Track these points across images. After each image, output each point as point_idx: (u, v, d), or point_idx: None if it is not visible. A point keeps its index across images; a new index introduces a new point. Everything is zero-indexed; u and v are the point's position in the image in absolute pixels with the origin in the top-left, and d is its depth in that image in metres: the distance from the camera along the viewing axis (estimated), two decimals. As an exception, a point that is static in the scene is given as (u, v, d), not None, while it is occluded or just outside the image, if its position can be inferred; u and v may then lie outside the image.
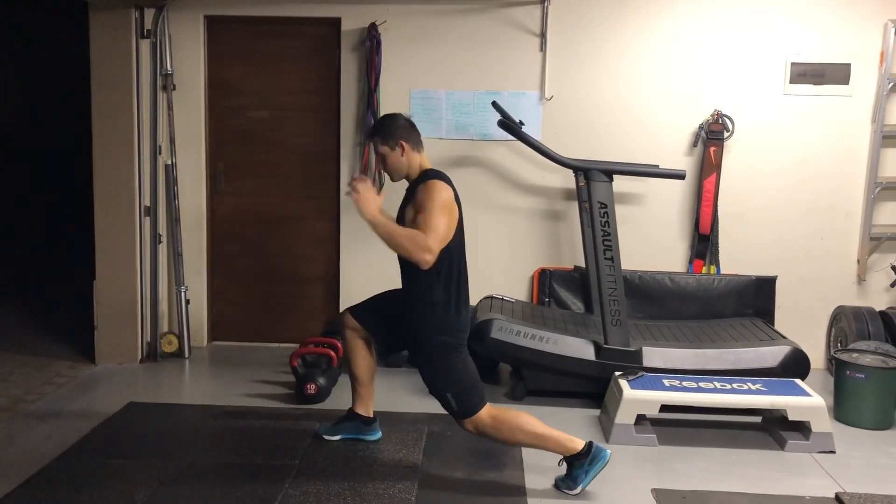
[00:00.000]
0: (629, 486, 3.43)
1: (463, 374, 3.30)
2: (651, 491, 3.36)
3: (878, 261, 5.12)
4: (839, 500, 3.28)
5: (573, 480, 3.31)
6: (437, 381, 3.33)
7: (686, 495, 3.33)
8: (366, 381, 3.78)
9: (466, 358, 3.35)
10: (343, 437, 3.80)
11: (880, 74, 4.96)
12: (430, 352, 3.32)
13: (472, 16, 5.08)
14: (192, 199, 5.26)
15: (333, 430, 3.82)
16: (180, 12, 5.09)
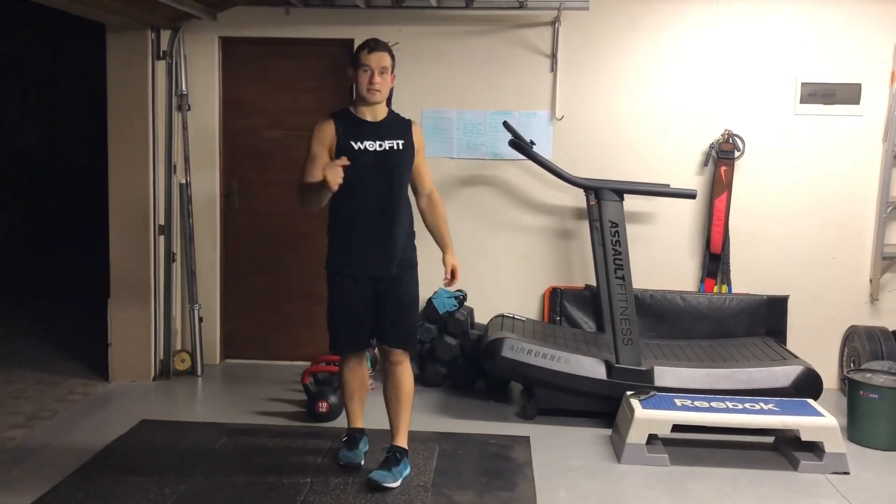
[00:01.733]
0: (641, 506, 3.43)
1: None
2: (663, 511, 3.35)
3: (891, 280, 5.10)
4: (853, 522, 3.27)
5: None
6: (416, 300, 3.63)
7: (698, 516, 3.32)
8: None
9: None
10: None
11: (891, 94, 4.97)
12: (413, 268, 3.62)
13: (483, 37, 5.13)
14: (206, 217, 5.31)
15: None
16: (196, 33, 5.17)
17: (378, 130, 3.49)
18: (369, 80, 3.43)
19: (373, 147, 3.45)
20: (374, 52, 3.44)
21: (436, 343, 4.91)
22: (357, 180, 3.38)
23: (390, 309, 3.56)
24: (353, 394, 3.78)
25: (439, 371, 4.94)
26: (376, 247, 3.49)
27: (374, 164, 3.44)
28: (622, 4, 5.05)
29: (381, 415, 3.77)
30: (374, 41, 3.49)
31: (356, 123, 3.49)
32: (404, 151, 3.51)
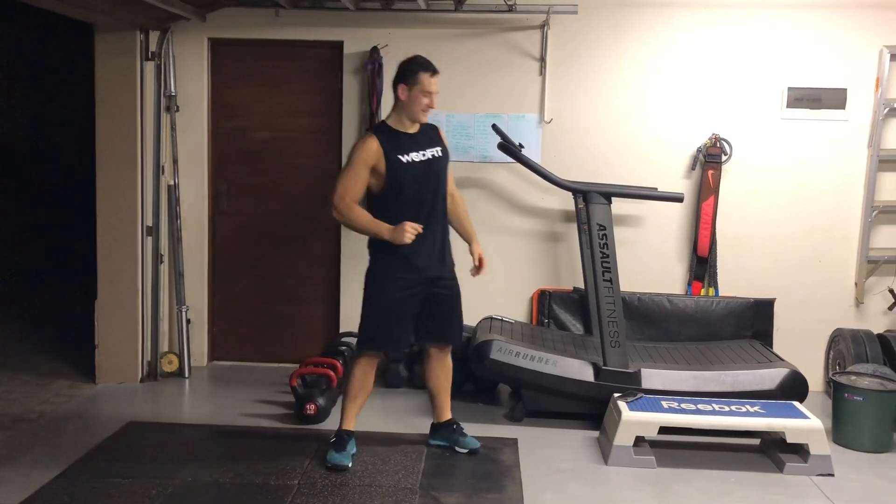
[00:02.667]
0: (628, 507, 3.44)
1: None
2: (650, 513, 3.37)
3: (876, 283, 5.14)
4: (837, 523, 3.29)
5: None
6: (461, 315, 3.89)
7: (684, 517, 3.34)
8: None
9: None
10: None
11: (876, 99, 5.02)
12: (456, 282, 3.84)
13: (473, 40, 5.14)
14: (194, 218, 5.30)
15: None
16: (185, 35, 5.16)
17: (418, 141, 3.67)
18: (430, 105, 3.63)
19: (418, 158, 3.64)
20: (435, 75, 3.64)
21: (424, 345, 4.91)
22: (409, 191, 3.61)
23: (448, 308, 3.80)
24: (357, 395, 3.83)
25: (428, 373, 4.94)
26: (432, 250, 3.68)
27: (423, 174, 3.65)
28: (610, 9, 5.08)
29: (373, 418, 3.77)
30: (431, 64, 3.65)
31: (398, 137, 3.65)
32: (443, 157, 3.76)
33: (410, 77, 3.61)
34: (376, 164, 3.59)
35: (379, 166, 3.59)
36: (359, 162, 3.59)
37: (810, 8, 5.01)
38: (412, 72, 3.61)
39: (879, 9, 4.99)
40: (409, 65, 3.65)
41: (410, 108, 3.63)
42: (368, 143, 3.61)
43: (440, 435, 4.00)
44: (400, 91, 3.64)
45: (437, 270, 3.72)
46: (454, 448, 3.94)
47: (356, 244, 5.27)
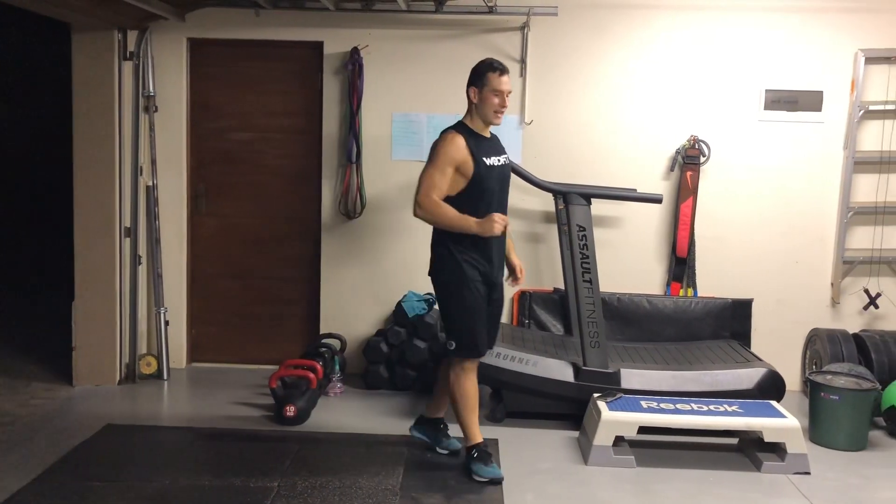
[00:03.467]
0: (607, 507, 3.46)
1: None
2: (629, 512, 3.39)
3: (852, 284, 5.21)
4: (814, 521, 3.33)
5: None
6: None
7: (663, 517, 3.36)
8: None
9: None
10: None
11: (851, 102, 5.08)
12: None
13: (453, 41, 5.15)
14: (172, 220, 5.26)
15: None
16: (163, 34, 5.12)
17: (493, 146, 3.68)
18: (501, 105, 3.59)
19: (496, 162, 3.64)
20: (504, 75, 3.59)
21: (405, 347, 4.91)
22: (488, 195, 3.58)
23: (498, 313, 3.82)
24: (476, 406, 3.73)
25: (409, 375, 4.94)
26: (500, 255, 3.72)
27: (498, 178, 3.64)
28: (590, 11, 5.10)
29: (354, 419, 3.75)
30: (500, 63, 3.62)
31: (479, 139, 3.62)
32: (509, 165, 3.77)
33: (479, 79, 3.58)
34: (463, 163, 3.51)
35: (465, 166, 3.52)
36: (447, 159, 3.51)
37: (787, 11, 5.07)
38: (481, 73, 3.59)
39: (854, 12, 5.05)
40: (479, 67, 3.63)
41: (483, 110, 3.58)
42: (458, 140, 3.53)
43: (424, 429, 3.99)
44: (471, 94, 3.61)
45: (499, 276, 3.72)
46: (435, 447, 3.94)
47: (336, 245, 5.28)
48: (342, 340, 5.17)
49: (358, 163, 5.15)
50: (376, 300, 5.26)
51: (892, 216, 5.16)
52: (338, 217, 5.25)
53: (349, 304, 5.29)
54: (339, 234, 5.27)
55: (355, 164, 5.14)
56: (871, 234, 5.16)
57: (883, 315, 5.19)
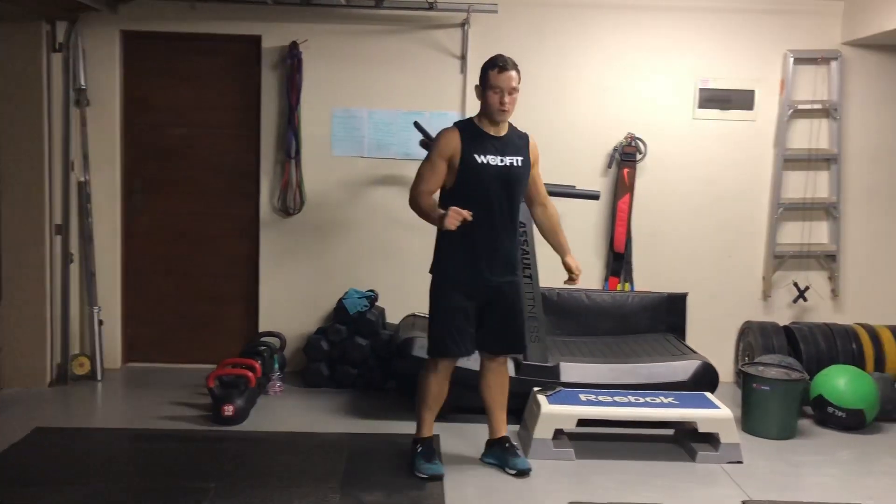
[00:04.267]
0: (547, 499, 3.50)
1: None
2: (568, 504, 3.43)
3: (782, 278, 5.37)
4: (745, 508, 3.42)
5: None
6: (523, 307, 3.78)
7: (601, 507, 3.42)
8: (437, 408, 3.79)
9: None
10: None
11: (781, 101, 5.23)
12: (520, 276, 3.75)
13: (394, 36, 5.13)
14: (106, 216, 5.13)
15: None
16: (95, 26, 4.98)
17: (500, 145, 3.55)
18: (500, 102, 3.48)
19: (495, 162, 3.51)
20: (504, 72, 3.48)
21: (346, 344, 4.88)
22: (479, 193, 3.49)
23: (501, 318, 3.65)
24: (432, 404, 3.71)
25: (350, 372, 4.92)
26: (494, 257, 3.57)
27: (496, 179, 3.51)
28: (530, 9, 5.15)
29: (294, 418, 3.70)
30: (502, 60, 3.51)
31: (481, 137, 3.53)
32: (522, 168, 3.59)
33: (482, 76, 3.53)
34: (452, 156, 3.49)
35: (454, 160, 3.49)
36: (438, 151, 3.51)
37: (720, 12, 5.19)
38: (483, 70, 3.53)
39: (784, 14, 5.20)
40: (484, 64, 3.54)
41: (486, 108, 3.51)
42: (449, 134, 3.52)
43: (492, 453, 3.83)
44: (476, 93, 3.57)
45: (500, 278, 3.59)
46: (504, 468, 3.75)
47: (275, 243, 5.22)
48: (282, 338, 5.12)
49: (297, 158, 5.09)
50: (317, 297, 5.22)
51: (819, 212, 5.34)
52: (277, 214, 5.19)
53: (289, 301, 5.23)
54: (279, 231, 5.21)
55: (295, 159, 5.08)
56: (800, 229, 5.33)
57: (811, 307, 5.37)
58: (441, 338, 3.61)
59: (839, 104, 5.22)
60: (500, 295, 3.64)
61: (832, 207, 5.30)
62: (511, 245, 3.64)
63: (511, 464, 3.73)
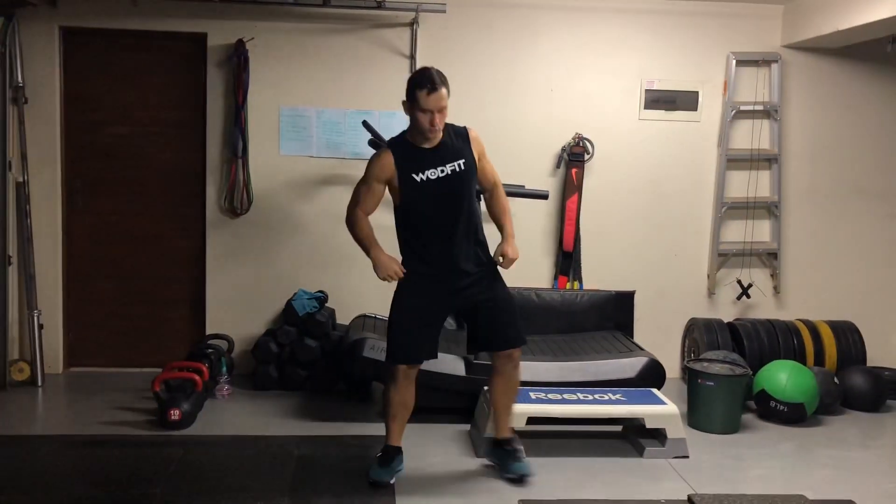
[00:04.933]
0: (497, 497, 3.51)
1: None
2: (518, 502, 3.44)
3: (726, 275, 5.48)
4: (691, 502, 3.47)
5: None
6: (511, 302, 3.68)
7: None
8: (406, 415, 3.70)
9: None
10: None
11: (724, 102, 5.34)
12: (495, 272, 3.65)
13: (342, 35, 5.10)
14: (46, 217, 5.00)
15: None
16: (32, 22, 4.85)
17: (437, 156, 3.46)
18: (430, 123, 3.39)
19: (435, 175, 3.43)
20: (432, 93, 3.36)
21: (295, 346, 4.83)
22: (425, 210, 3.46)
23: (494, 311, 3.59)
24: (395, 412, 3.63)
25: (299, 374, 4.87)
26: (450, 266, 3.50)
27: (439, 190, 3.44)
28: (478, 9, 5.16)
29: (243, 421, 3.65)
30: (431, 81, 3.35)
31: (415, 153, 3.45)
32: (466, 171, 3.49)
33: (409, 95, 3.41)
34: (390, 179, 3.44)
35: (393, 182, 3.44)
36: (371, 176, 3.48)
37: (665, 14, 5.28)
38: (410, 90, 3.39)
39: (726, 17, 5.31)
40: (409, 81, 3.43)
41: (418, 128, 3.40)
42: (383, 157, 3.46)
43: (494, 453, 3.79)
44: (404, 108, 3.47)
45: (468, 280, 3.53)
46: (503, 472, 3.70)
47: (222, 243, 5.15)
48: (230, 341, 5.05)
49: (244, 158, 5.03)
50: (265, 299, 5.16)
51: (761, 210, 5.47)
52: (224, 214, 5.12)
53: (237, 303, 5.16)
54: (225, 232, 5.13)
55: (242, 158, 5.02)
56: (743, 227, 5.45)
57: (754, 304, 5.49)
58: (397, 344, 3.56)
59: (779, 105, 5.36)
60: (479, 293, 3.57)
61: (774, 206, 5.43)
62: (474, 246, 3.56)
63: (511, 468, 3.68)
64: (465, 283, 3.54)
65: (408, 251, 3.57)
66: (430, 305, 3.55)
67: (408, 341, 3.53)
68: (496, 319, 3.62)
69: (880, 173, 5.52)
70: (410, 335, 3.53)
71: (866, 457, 4.18)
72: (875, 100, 5.44)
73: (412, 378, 3.60)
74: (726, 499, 3.46)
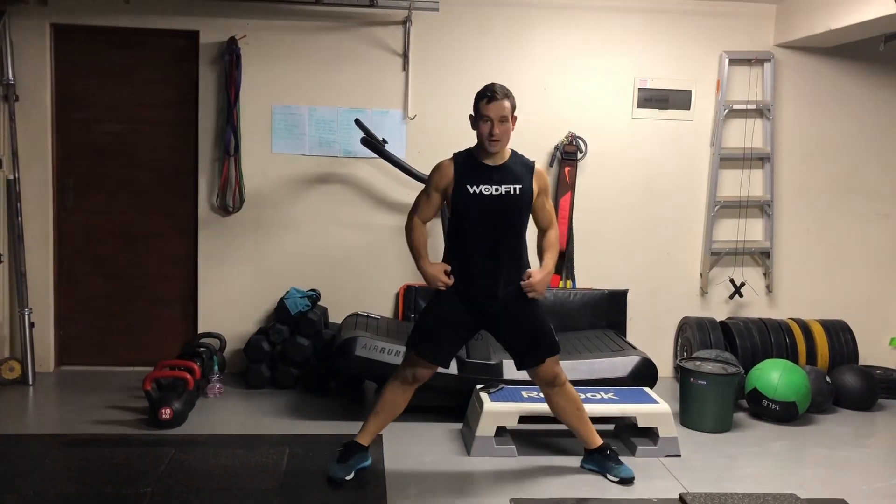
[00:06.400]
0: (489, 496, 3.51)
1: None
2: (510, 501, 3.44)
3: (719, 274, 5.49)
4: (682, 500, 3.48)
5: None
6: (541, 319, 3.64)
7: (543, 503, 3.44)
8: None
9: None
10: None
11: (717, 101, 5.35)
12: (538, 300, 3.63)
13: (335, 33, 5.09)
14: (37, 215, 4.98)
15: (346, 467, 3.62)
16: (24, 19, 4.83)
17: (497, 174, 3.48)
18: (489, 132, 3.43)
19: (489, 191, 3.46)
20: (492, 102, 3.42)
21: (287, 345, 4.83)
22: (472, 222, 3.49)
23: (524, 326, 3.60)
24: (383, 410, 3.63)
25: (291, 373, 4.86)
26: (489, 284, 3.52)
27: (490, 208, 3.47)
28: (471, 8, 5.15)
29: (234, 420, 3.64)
30: (491, 90, 3.44)
31: (477, 167, 3.50)
32: (521, 196, 3.50)
33: (474, 107, 3.48)
34: (447, 188, 3.48)
35: (448, 191, 3.48)
36: (431, 183, 3.54)
37: (659, 13, 5.28)
38: (474, 101, 3.47)
39: (719, 16, 5.31)
40: (475, 95, 3.49)
41: (479, 138, 3.47)
42: (444, 166, 3.53)
43: (592, 460, 3.79)
44: (471, 123, 3.52)
45: (495, 305, 3.54)
46: (605, 475, 3.72)
47: (214, 241, 5.14)
48: (221, 339, 5.03)
49: (236, 156, 5.02)
50: (257, 297, 5.15)
51: (753, 209, 5.47)
52: (216, 212, 5.10)
53: (229, 301, 5.15)
54: (218, 230, 5.12)
55: (234, 157, 5.01)
56: (736, 226, 5.46)
57: (747, 303, 5.50)
58: (420, 333, 3.59)
59: (772, 104, 5.36)
60: (507, 310, 3.58)
61: (766, 205, 5.44)
62: (513, 268, 3.55)
63: (613, 471, 3.71)
64: (499, 302, 3.56)
65: (451, 262, 3.60)
66: (467, 313, 3.57)
67: (430, 336, 3.57)
68: (530, 332, 3.62)
69: (872, 172, 5.53)
70: (434, 333, 3.57)
71: (858, 455, 4.20)
72: (867, 99, 5.45)
73: (414, 384, 3.61)
74: (718, 497, 3.47)
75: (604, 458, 3.76)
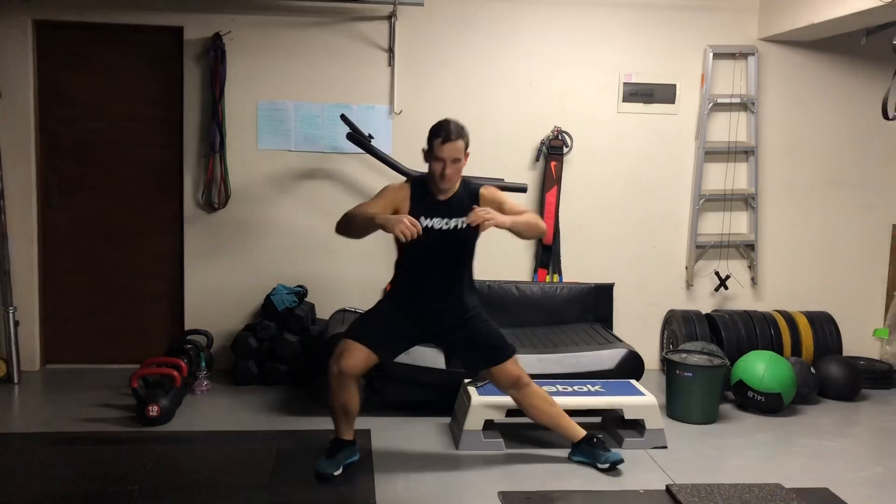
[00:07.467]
0: (477, 490, 3.52)
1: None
2: (497, 493, 3.45)
3: (704, 267, 5.52)
4: (669, 492, 3.50)
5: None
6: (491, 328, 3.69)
7: (530, 496, 3.45)
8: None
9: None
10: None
11: (701, 95, 5.37)
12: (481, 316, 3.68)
13: (320, 28, 5.07)
14: (21, 213, 4.95)
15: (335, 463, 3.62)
16: (5, 16, 4.79)
17: (447, 208, 3.51)
18: (441, 173, 3.43)
19: (440, 226, 3.50)
20: (446, 143, 3.41)
21: (275, 341, 4.82)
22: (420, 254, 3.51)
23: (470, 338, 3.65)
24: (333, 402, 3.62)
25: (279, 369, 4.86)
26: (430, 305, 3.60)
27: (439, 242, 3.51)
28: (457, 2, 5.16)
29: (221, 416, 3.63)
30: (446, 131, 3.42)
31: (429, 199, 3.52)
32: (468, 230, 3.48)
33: (428, 142, 3.46)
34: (398, 209, 3.47)
35: (400, 212, 3.44)
36: (382, 196, 3.51)
37: (643, 8, 5.30)
38: (428, 137, 3.45)
39: (704, 11, 5.34)
40: (430, 129, 3.47)
41: (431, 174, 3.46)
42: (401, 187, 3.54)
43: (580, 451, 3.83)
44: (423, 156, 3.50)
45: (434, 329, 3.65)
46: (595, 464, 3.75)
47: (200, 238, 5.12)
48: (208, 336, 5.02)
49: (222, 152, 5.00)
50: (244, 294, 5.14)
51: (738, 202, 5.51)
52: (201, 209, 5.09)
53: (215, 298, 5.13)
54: (203, 227, 5.10)
55: (219, 153, 4.99)
56: (720, 219, 5.49)
57: (732, 296, 5.54)
58: (358, 321, 3.70)
59: (756, 98, 5.39)
60: (453, 328, 3.64)
61: (751, 198, 5.48)
62: (459, 296, 3.62)
63: (602, 459, 3.74)
64: (438, 330, 3.67)
65: (401, 281, 3.66)
66: (407, 321, 3.62)
67: (366, 325, 3.63)
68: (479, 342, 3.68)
69: (856, 165, 5.57)
70: (371, 322, 3.64)
71: (842, 445, 4.24)
72: (850, 92, 5.49)
73: (353, 375, 3.55)
74: (704, 488, 3.49)
75: (591, 448, 3.79)
